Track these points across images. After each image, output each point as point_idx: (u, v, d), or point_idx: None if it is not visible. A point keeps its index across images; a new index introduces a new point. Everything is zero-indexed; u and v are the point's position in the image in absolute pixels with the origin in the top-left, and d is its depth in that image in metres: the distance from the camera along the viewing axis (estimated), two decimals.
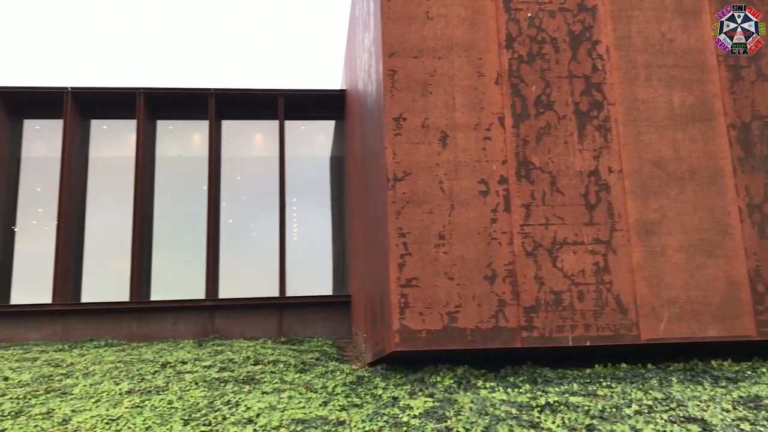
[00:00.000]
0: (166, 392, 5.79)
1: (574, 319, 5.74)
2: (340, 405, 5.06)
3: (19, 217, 11.16)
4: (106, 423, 4.88)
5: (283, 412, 4.84)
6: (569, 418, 4.33)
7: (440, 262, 5.74)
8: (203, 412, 5.03)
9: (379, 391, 5.46)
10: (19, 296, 10.74)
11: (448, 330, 5.62)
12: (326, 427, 4.43)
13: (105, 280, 11.09)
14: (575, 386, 5.19)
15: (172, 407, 5.25)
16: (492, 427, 4.18)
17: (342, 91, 11.69)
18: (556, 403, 4.67)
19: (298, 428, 4.44)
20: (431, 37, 6.23)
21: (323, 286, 11.54)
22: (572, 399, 4.76)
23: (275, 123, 11.67)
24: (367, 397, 5.35)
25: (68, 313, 10.01)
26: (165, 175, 11.67)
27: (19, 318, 9.91)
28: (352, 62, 9.75)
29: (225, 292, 10.97)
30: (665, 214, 6.08)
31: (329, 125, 12.42)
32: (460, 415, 4.48)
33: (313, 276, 11.60)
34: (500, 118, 6.12)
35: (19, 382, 6.50)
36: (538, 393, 4.99)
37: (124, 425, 4.79)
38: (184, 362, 7.10)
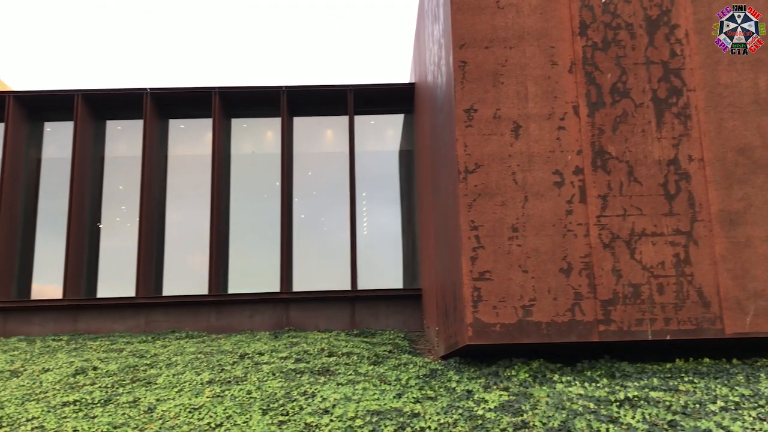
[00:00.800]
0: (244, 382, 5.95)
1: (654, 313, 5.58)
2: (414, 397, 5.08)
3: (104, 215, 11.68)
4: (189, 412, 5.06)
5: (358, 403, 4.90)
6: (650, 414, 4.22)
7: (514, 255, 5.68)
8: (281, 402, 5.15)
9: (453, 384, 5.45)
10: (104, 290, 11.26)
11: (523, 324, 5.55)
12: (401, 419, 4.46)
13: (185, 274, 11.48)
14: (655, 381, 5.04)
15: (251, 397, 5.40)
16: (569, 421, 4.12)
17: (411, 84, 11.68)
18: (636, 398, 4.55)
19: (374, 419, 4.49)
20: (502, 26, 6.15)
21: (394, 280, 11.59)
22: (652, 394, 4.63)
23: (345, 118, 11.78)
24: (441, 390, 5.35)
25: (151, 306, 10.42)
26: (240, 172, 11.96)
27: (105, 311, 10.38)
28: (421, 55, 9.73)
29: (299, 285, 11.17)
30: (751, 204, 5.82)
31: (398, 119, 12.44)
32: (536, 409, 4.43)
33: (383, 269, 11.67)
34: (575, 107, 5.99)
35: (106, 371, 6.81)
36: (617, 387, 4.88)
37: (206, 413, 4.96)
38: (261, 353, 7.28)
